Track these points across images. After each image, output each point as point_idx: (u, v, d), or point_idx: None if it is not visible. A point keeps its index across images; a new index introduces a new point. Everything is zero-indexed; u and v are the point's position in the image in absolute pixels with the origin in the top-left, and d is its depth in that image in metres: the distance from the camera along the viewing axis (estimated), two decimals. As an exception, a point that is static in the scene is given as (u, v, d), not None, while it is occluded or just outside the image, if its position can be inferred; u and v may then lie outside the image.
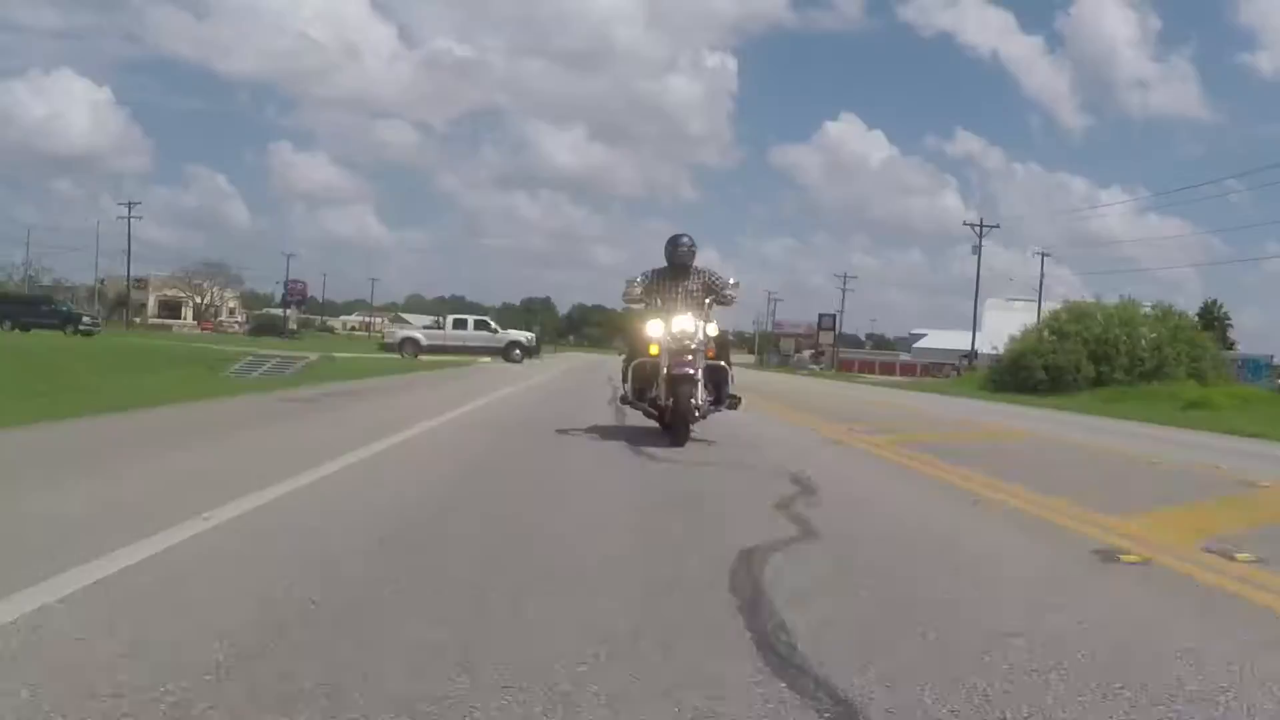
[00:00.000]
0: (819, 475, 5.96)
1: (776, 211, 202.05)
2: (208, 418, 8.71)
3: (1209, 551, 4.13)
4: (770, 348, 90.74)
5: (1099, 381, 27.03)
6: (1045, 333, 30.18)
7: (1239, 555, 4.02)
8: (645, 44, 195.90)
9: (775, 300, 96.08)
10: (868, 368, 75.17)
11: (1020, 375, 28.30)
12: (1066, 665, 2.39)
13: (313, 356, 21.27)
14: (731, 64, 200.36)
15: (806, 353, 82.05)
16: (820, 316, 77.07)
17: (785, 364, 78.07)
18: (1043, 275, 52.13)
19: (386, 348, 34.94)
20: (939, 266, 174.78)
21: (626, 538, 3.88)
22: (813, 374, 58.71)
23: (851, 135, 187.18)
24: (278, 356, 20.05)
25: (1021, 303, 55.80)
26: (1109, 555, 3.95)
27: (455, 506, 4.51)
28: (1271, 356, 42.42)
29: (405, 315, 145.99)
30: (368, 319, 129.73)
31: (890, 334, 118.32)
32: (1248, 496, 6.61)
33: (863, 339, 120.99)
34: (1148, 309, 30.66)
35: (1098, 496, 5.86)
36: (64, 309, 43.12)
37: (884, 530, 4.45)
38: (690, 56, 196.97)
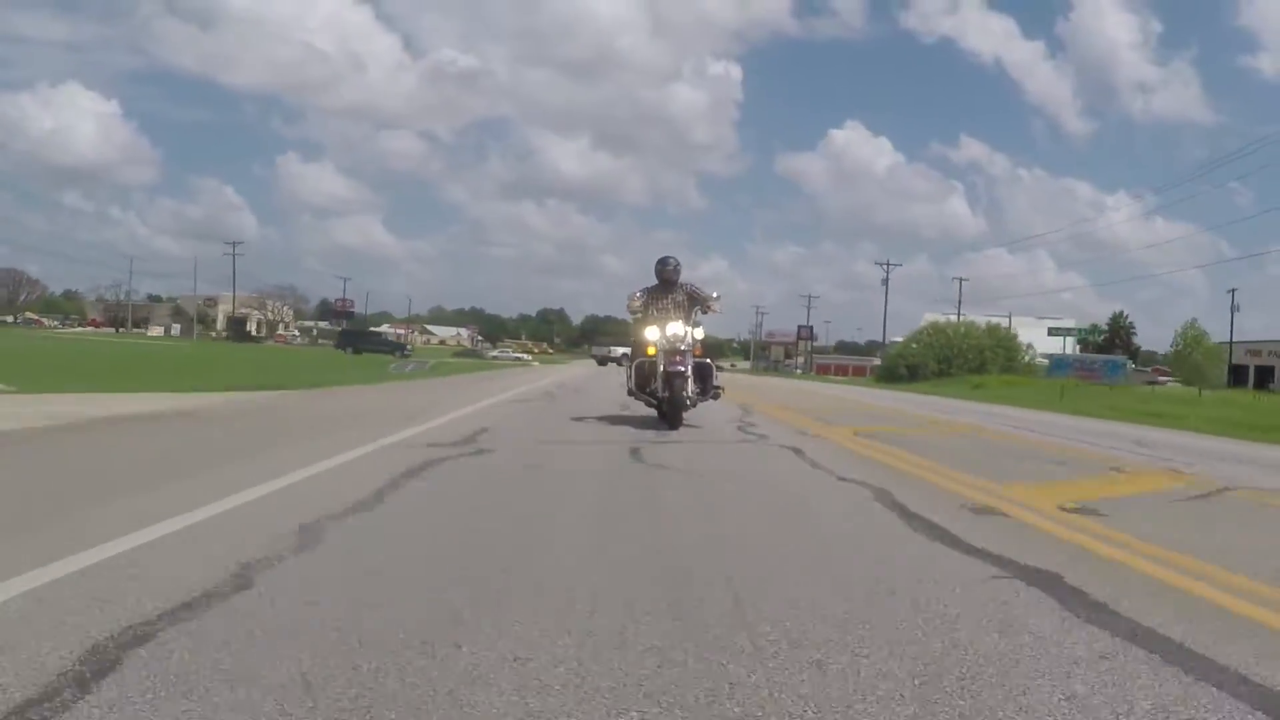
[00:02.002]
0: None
1: (783, 218, 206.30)
2: (449, 383, 21.55)
3: (815, 420, 16.82)
4: (761, 354, 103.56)
5: (941, 374, 39.94)
6: (912, 344, 43.41)
7: (837, 424, 16.67)
8: (650, 53, 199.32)
9: (763, 314, 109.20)
10: (841, 370, 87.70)
11: (892, 372, 41.54)
12: (741, 474, 12.47)
13: (432, 361, 34.34)
14: (736, 72, 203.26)
15: (799, 359, 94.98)
16: (799, 328, 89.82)
17: (774, 368, 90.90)
18: (960, 297, 64.68)
19: (601, 360, 50.64)
20: (943, 274, 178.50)
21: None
22: (791, 376, 71.26)
23: (856, 142, 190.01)
24: (413, 361, 33.05)
25: (953, 315, 68.57)
26: (746, 422, 16.62)
27: (563, 390, 17.33)
28: (1131, 358, 54.99)
29: (431, 327, 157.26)
30: (398, 331, 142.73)
31: (886, 339, 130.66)
32: (874, 412, 19.24)
33: (862, 344, 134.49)
34: (982, 326, 43.94)
35: (801, 409, 18.53)
36: (391, 339, 58.79)
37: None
38: (695, 65, 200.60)
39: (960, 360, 40.24)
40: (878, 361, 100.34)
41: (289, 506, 3.90)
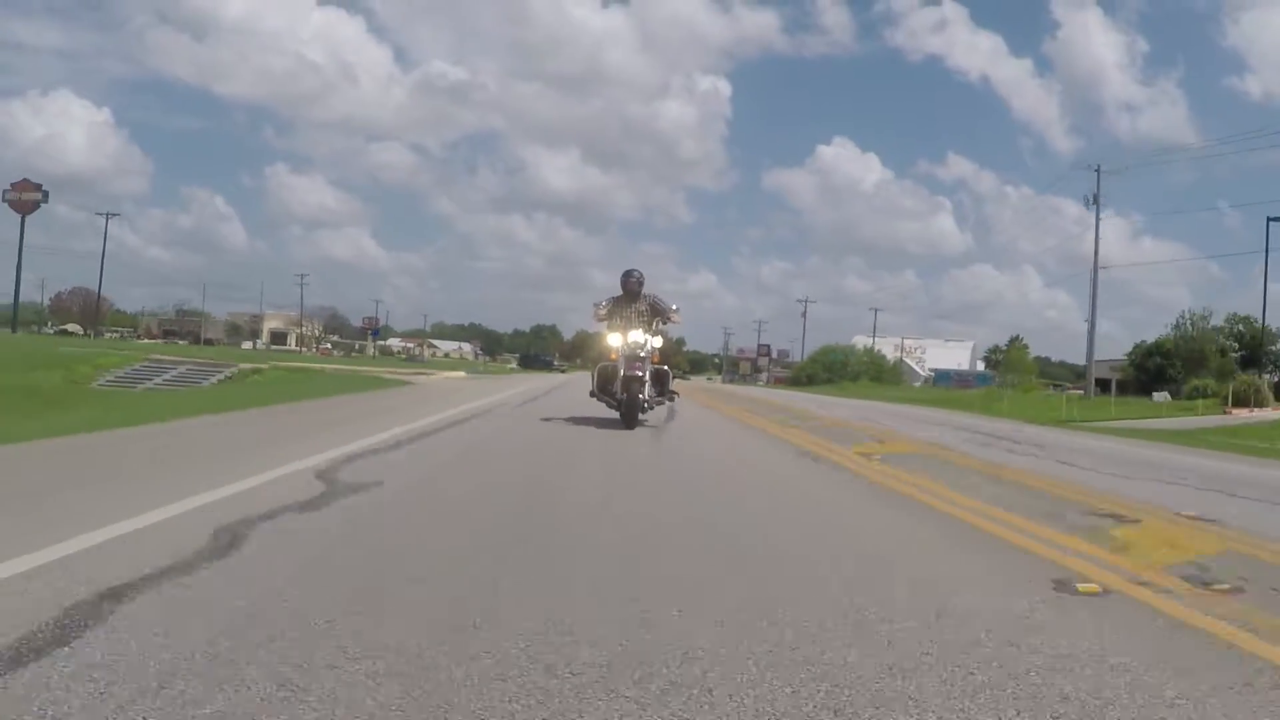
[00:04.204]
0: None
1: (771, 234, 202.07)
2: (519, 376, 38.25)
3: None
4: (731, 369, 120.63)
5: (828, 381, 56.88)
6: (811, 361, 60.70)
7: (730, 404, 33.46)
8: (639, 68, 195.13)
9: (729, 334, 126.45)
10: (795, 382, 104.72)
11: (798, 380, 58.66)
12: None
13: (482, 367, 50.95)
14: (725, 88, 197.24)
15: (764, 373, 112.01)
16: (758, 346, 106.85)
17: (740, 380, 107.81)
18: (876, 326, 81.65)
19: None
20: (930, 289, 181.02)
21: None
22: (754, 385, 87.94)
23: (845, 158, 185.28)
24: (479, 368, 49.57)
25: (880, 338, 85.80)
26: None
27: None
28: (992, 372, 71.91)
29: (435, 342, 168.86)
30: (408, 344, 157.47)
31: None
32: (766, 403, 36.02)
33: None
34: (860, 348, 61.42)
35: (715, 403, 35.27)
36: (547, 359, 76.46)
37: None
38: (684, 81, 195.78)
39: (841, 371, 57.37)
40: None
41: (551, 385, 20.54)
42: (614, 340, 10.42)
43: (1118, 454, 11.89)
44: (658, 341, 10.55)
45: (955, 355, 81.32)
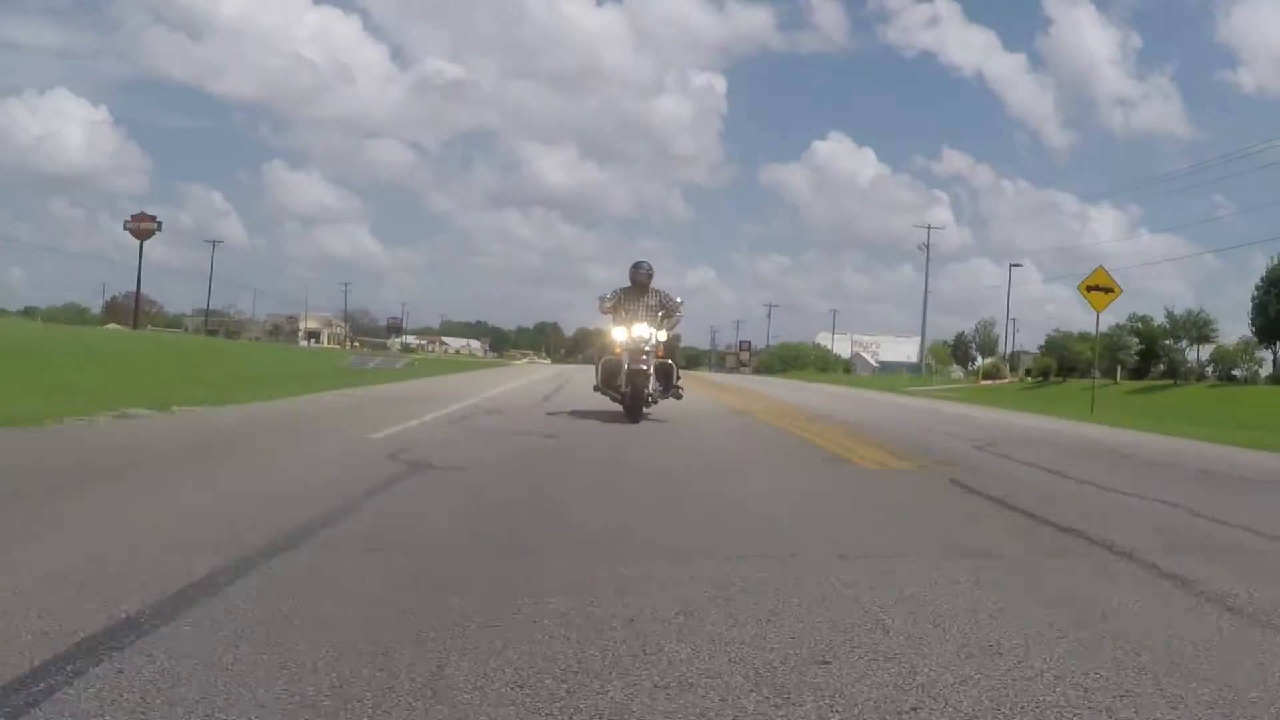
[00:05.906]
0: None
1: (767, 229, 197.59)
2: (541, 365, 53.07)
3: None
4: (718, 362, 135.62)
5: (784, 370, 72.04)
6: (771, 354, 75.87)
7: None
8: (634, 66, 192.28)
9: (715, 331, 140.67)
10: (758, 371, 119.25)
11: (759, 370, 74.00)
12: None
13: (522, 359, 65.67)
14: (720, 85, 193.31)
15: (747, 367, 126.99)
16: (739, 342, 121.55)
17: (728, 372, 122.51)
18: (835, 324, 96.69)
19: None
20: (929, 283, 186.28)
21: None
22: (734, 375, 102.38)
23: (840, 154, 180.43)
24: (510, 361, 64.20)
25: (837, 334, 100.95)
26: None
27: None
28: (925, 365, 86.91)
29: (445, 339, 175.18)
30: (422, 342, 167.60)
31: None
32: (742, 390, 50.88)
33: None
34: (811, 344, 76.87)
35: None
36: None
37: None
38: (678, 78, 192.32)
39: (793, 362, 72.57)
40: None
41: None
42: (618, 334, 10.51)
43: (851, 394, 26.76)
44: (663, 335, 10.60)
45: (905, 349, 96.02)
